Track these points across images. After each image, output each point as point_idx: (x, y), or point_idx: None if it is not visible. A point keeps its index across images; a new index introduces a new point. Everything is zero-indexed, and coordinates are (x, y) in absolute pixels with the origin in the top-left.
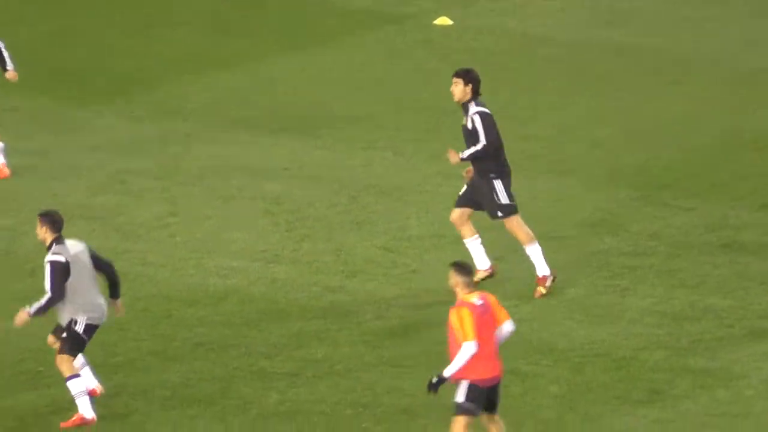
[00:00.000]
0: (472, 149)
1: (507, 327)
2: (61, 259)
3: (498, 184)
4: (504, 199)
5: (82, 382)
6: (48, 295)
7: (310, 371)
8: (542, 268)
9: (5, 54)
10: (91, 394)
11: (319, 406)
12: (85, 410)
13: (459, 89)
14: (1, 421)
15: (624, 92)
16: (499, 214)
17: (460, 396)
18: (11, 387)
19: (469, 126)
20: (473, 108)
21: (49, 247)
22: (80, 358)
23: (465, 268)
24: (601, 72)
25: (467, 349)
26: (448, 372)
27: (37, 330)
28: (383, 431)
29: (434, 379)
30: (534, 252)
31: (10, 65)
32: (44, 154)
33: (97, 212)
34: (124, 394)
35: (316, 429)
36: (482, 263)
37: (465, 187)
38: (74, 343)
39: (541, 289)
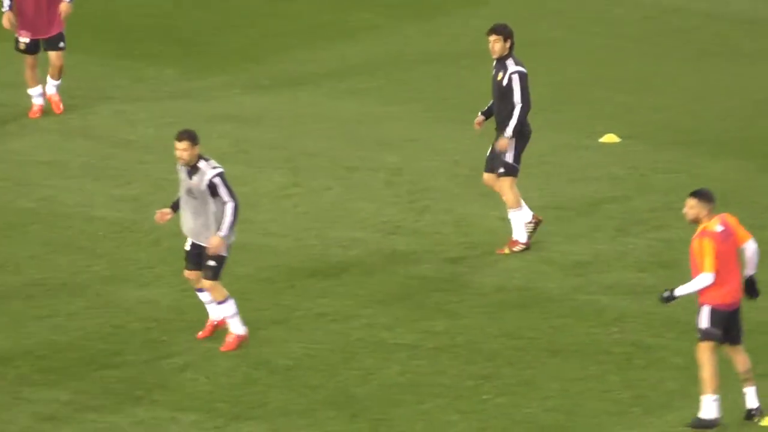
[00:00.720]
0: (512, 122)
1: (750, 246)
2: (222, 169)
3: (512, 144)
4: (511, 159)
5: (234, 304)
6: (230, 203)
7: (431, 343)
8: (519, 234)
9: None
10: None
11: (439, 377)
12: (238, 329)
13: (500, 45)
14: (128, 390)
15: (755, 63)
16: (501, 170)
17: (703, 322)
18: (138, 355)
19: (505, 82)
20: (512, 66)
21: (196, 165)
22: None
23: (706, 195)
24: (733, 42)
25: (703, 279)
26: (679, 291)
27: (161, 298)
28: (504, 403)
29: (665, 294)
30: (517, 217)
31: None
32: (169, 124)
33: None
34: (245, 365)
35: (437, 400)
36: (527, 216)
37: (491, 148)
38: (221, 268)
39: (506, 250)
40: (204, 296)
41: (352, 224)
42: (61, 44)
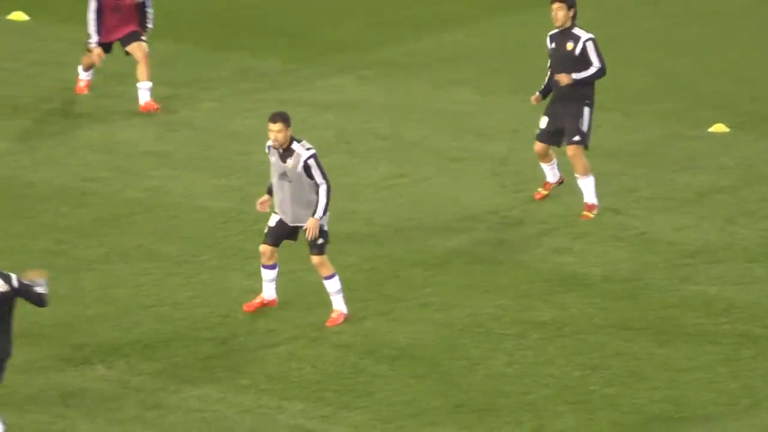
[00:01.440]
0: (586, 73)
1: None
2: (315, 150)
3: (587, 112)
4: (586, 127)
5: (339, 281)
6: (324, 185)
7: (537, 333)
8: (591, 197)
9: (149, 12)
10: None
11: (546, 368)
12: (342, 305)
13: (563, 14)
14: (234, 379)
15: None
16: (576, 138)
17: None
18: (244, 345)
19: (577, 51)
20: (584, 34)
21: (290, 147)
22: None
23: None
24: None
25: None
26: None
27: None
28: (611, 394)
29: None
30: (588, 184)
31: (150, 24)
32: None
33: None
34: (351, 355)
35: (544, 391)
36: (552, 177)
37: (545, 119)
38: (327, 243)
39: (588, 214)
40: (267, 274)
41: (456, 214)
42: (143, 37)
